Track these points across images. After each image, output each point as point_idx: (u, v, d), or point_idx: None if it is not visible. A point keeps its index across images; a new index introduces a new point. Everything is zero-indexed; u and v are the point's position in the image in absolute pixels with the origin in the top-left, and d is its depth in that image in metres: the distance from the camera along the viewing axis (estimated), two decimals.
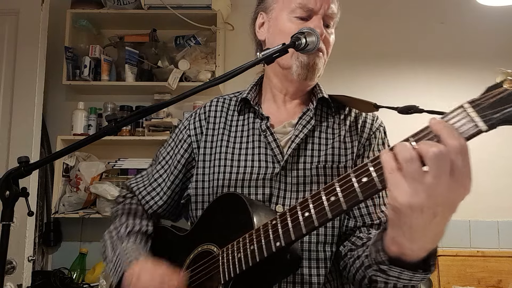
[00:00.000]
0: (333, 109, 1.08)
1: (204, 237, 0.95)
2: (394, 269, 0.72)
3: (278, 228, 0.76)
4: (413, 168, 0.60)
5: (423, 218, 0.61)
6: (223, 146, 1.05)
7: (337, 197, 0.69)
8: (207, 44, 2.55)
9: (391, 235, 0.68)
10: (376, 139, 1.06)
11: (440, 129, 0.60)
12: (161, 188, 1.10)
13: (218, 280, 0.85)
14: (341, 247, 0.98)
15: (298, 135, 1.01)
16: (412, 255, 0.68)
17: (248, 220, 0.84)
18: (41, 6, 2.18)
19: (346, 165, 1.01)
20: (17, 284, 1.97)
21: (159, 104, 0.89)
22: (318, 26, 0.97)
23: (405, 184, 0.60)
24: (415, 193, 0.60)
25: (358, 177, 0.67)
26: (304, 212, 0.73)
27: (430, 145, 0.59)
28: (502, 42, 2.62)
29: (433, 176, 0.59)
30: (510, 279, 2.34)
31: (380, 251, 0.74)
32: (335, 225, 0.97)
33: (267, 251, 0.77)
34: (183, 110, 2.57)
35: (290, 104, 1.08)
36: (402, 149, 0.61)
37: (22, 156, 0.87)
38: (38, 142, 2.13)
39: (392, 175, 0.62)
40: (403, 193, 0.61)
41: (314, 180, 0.98)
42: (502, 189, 2.48)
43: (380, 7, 2.71)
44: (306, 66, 0.99)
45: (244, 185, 0.99)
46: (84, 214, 2.37)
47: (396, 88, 2.62)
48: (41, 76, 2.17)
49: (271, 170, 0.99)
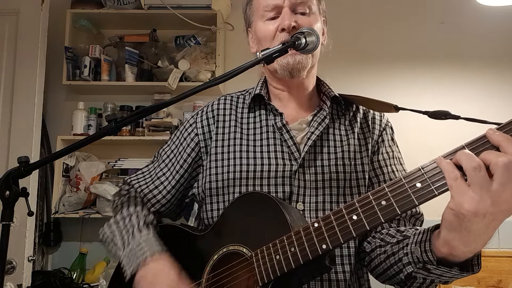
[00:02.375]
0: (343, 106, 1.08)
1: (229, 237, 0.91)
2: (441, 269, 0.75)
3: (323, 231, 0.77)
4: (481, 176, 0.63)
5: (484, 223, 0.65)
6: (237, 144, 1.04)
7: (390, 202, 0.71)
8: (207, 44, 2.55)
9: (446, 238, 0.71)
10: (387, 135, 1.09)
11: (503, 140, 0.64)
12: (165, 186, 1.09)
13: (255, 282, 0.82)
14: (365, 243, 0.99)
15: (314, 132, 1.01)
16: (461, 256, 0.72)
17: (282, 222, 0.82)
18: (41, 6, 2.18)
19: (363, 162, 1.02)
20: (17, 284, 1.96)
21: (159, 104, 0.88)
22: (285, 18, 0.99)
23: (470, 191, 0.64)
24: (481, 200, 0.63)
25: (411, 182, 0.70)
26: (351, 215, 0.74)
27: (498, 155, 0.63)
28: (502, 42, 2.62)
29: (500, 184, 0.62)
30: (510, 279, 2.34)
31: (428, 251, 0.76)
32: None
33: (312, 254, 0.77)
34: (183, 110, 2.57)
35: (296, 101, 1.08)
36: (469, 158, 0.65)
37: (22, 156, 0.86)
38: (38, 142, 2.13)
39: (456, 183, 0.65)
40: (470, 199, 0.64)
41: (333, 177, 0.99)
42: None
43: (379, 7, 2.71)
44: (286, 67, 1.00)
45: (263, 183, 0.98)
46: (84, 214, 2.37)
47: (394, 88, 2.62)
48: (41, 76, 2.17)
49: (289, 167, 0.99)
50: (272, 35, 1.00)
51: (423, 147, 2.20)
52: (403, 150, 1.13)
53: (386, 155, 1.06)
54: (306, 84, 1.08)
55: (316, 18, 1.04)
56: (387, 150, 1.07)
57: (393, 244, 0.91)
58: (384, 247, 0.93)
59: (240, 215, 0.92)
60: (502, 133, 0.65)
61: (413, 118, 1.12)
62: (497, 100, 2.54)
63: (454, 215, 0.67)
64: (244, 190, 0.99)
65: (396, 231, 0.95)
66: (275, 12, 1.01)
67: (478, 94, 2.57)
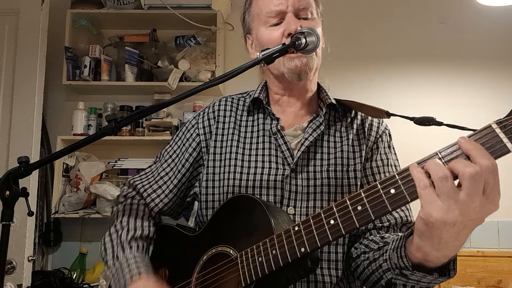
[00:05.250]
0: (340, 113, 1.09)
1: (218, 238, 0.94)
2: (417, 274, 0.76)
3: (302, 234, 0.78)
4: (447, 186, 0.63)
5: (454, 231, 0.65)
6: (233, 146, 1.06)
7: (365, 207, 0.71)
8: (207, 44, 2.55)
9: (418, 244, 0.71)
10: (383, 143, 1.07)
11: (472, 148, 0.63)
12: (167, 185, 1.10)
13: (239, 283, 0.85)
14: (353, 249, 0.99)
15: (308, 138, 1.02)
16: (435, 261, 0.72)
17: (266, 224, 0.84)
18: (41, 6, 2.18)
19: (355, 168, 1.02)
20: (17, 284, 1.96)
21: (159, 104, 0.89)
22: (290, 23, 0.99)
23: (439, 200, 0.64)
24: (449, 210, 0.63)
25: (386, 188, 0.70)
26: (329, 220, 0.75)
27: (465, 165, 0.62)
28: (502, 42, 2.62)
29: (467, 195, 0.62)
30: (510, 279, 2.34)
31: (403, 257, 0.77)
32: None
33: (291, 257, 0.79)
34: (183, 110, 2.57)
35: (295, 106, 1.08)
36: (436, 167, 0.64)
37: (22, 156, 0.87)
38: (38, 142, 2.13)
39: (425, 192, 0.65)
40: (438, 209, 0.64)
41: (324, 183, 0.99)
42: (502, 189, 2.47)
43: (379, 7, 2.71)
44: (294, 70, 1.00)
45: (256, 186, 0.99)
46: (84, 214, 2.37)
47: (394, 88, 2.62)
48: (41, 76, 2.17)
49: (282, 172, 1.00)
50: (278, 41, 1.00)
51: (422, 152, 2.20)
52: (401, 155, 1.12)
53: (380, 162, 1.06)
54: (309, 86, 1.08)
55: (317, 22, 1.05)
56: (382, 158, 1.06)
57: (375, 250, 0.92)
58: (368, 253, 0.94)
59: (228, 217, 0.95)
60: (472, 141, 0.64)
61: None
62: (497, 100, 2.53)
63: (424, 223, 0.67)
64: (236, 192, 1.00)
65: (380, 238, 0.95)
66: (279, 18, 1.02)
67: (478, 94, 2.57)
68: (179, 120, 2.50)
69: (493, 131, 0.63)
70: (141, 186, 1.13)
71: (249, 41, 1.12)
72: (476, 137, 0.64)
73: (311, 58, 1.00)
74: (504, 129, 0.63)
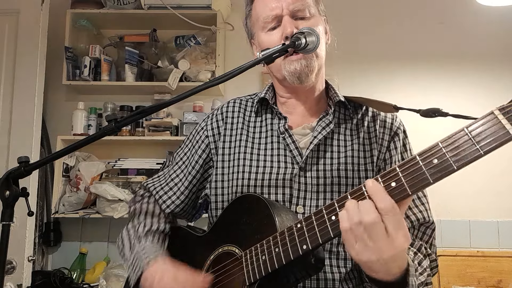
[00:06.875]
0: (350, 110, 1.08)
1: (224, 238, 0.95)
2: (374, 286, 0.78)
3: (305, 232, 0.78)
4: (359, 231, 0.68)
5: (380, 264, 0.69)
6: (242, 146, 1.06)
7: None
8: (207, 44, 2.55)
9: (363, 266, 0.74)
10: (399, 141, 1.06)
11: (373, 193, 0.68)
12: (178, 187, 1.12)
13: (243, 282, 0.85)
14: None
15: (317, 136, 1.01)
16: (388, 278, 0.74)
17: (270, 222, 0.85)
18: (41, 6, 2.18)
19: (366, 168, 1.01)
20: (17, 284, 1.96)
21: (159, 104, 0.89)
22: (287, 26, 0.99)
23: (355, 243, 0.69)
24: (362, 251, 0.69)
25: (386, 182, 0.70)
26: (331, 216, 0.75)
27: (365, 213, 0.67)
28: (502, 42, 2.62)
29: (373, 240, 0.67)
30: (510, 279, 2.34)
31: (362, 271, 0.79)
32: None
33: (293, 254, 0.78)
34: (183, 110, 2.57)
35: (303, 107, 1.08)
36: (352, 212, 0.69)
37: (22, 156, 0.87)
38: (38, 142, 2.13)
39: (346, 234, 0.70)
40: (354, 251, 0.70)
41: (334, 182, 0.99)
42: (502, 189, 2.48)
43: (379, 7, 2.71)
44: (294, 73, 1.00)
45: (264, 185, 1.00)
46: (84, 214, 2.37)
47: (394, 88, 2.62)
48: (41, 76, 2.17)
49: (290, 170, 0.99)
50: (278, 44, 0.99)
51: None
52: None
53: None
54: (315, 86, 1.08)
55: (316, 20, 1.04)
56: (399, 158, 1.04)
57: None
58: None
59: (235, 217, 0.96)
60: (376, 184, 0.68)
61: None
62: (497, 100, 2.53)
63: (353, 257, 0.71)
64: (245, 192, 1.01)
65: None
66: (276, 22, 1.02)
67: (478, 94, 2.57)
68: (179, 120, 2.50)
69: (495, 118, 0.61)
70: (153, 189, 1.16)
71: (254, 46, 1.13)
72: (478, 124, 0.62)
73: (310, 60, 0.99)
74: (507, 115, 0.60)
